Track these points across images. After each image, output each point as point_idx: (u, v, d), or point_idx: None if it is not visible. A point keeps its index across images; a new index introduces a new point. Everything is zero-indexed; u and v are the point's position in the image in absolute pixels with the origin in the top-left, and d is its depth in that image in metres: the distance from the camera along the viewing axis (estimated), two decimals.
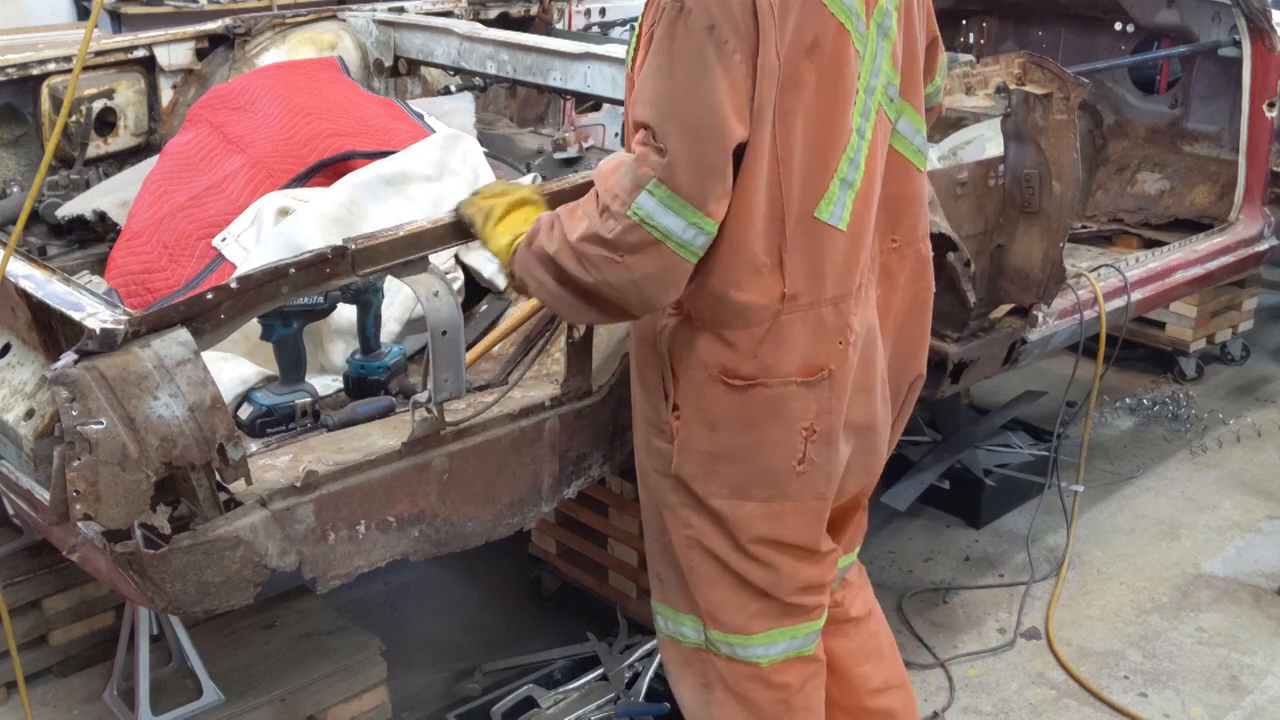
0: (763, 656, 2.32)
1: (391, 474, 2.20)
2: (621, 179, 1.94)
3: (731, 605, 2.28)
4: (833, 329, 2.13)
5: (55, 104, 3.33)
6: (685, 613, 2.35)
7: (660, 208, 1.92)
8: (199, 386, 1.90)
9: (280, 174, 2.99)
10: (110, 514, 1.85)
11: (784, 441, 2.15)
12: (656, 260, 1.95)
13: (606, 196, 1.95)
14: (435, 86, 4.00)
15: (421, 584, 3.70)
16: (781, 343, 2.10)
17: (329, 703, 2.85)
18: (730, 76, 1.91)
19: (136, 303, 2.75)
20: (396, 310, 2.69)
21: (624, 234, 1.93)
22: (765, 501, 2.19)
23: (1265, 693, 3.28)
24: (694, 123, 1.91)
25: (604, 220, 1.94)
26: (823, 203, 2.07)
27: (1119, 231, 4.71)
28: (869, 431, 2.30)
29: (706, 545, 2.24)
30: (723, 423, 2.14)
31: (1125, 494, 4.25)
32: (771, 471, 2.17)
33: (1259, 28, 4.30)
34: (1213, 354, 5.21)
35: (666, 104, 1.91)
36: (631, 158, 1.95)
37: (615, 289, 1.98)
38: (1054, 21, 5.22)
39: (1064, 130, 3.10)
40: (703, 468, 2.17)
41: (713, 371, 2.11)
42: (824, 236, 2.09)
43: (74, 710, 2.97)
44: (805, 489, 2.20)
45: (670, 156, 1.91)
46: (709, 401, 2.13)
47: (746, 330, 2.08)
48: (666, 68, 1.92)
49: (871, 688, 2.55)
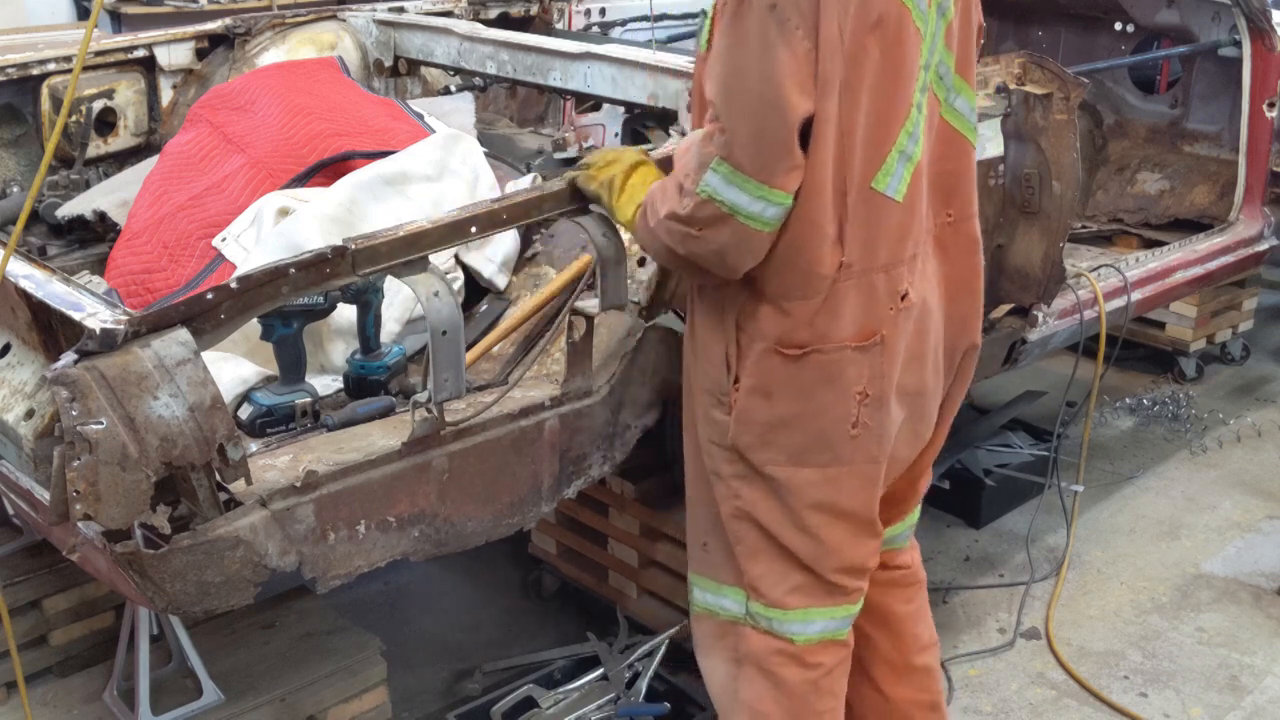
0: (798, 634, 2.35)
1: (391, 474, 2.20)
2: (692, 158, 2.04)
3: (773, 575, 2.32)
4: (884, 295, 2.19)
5: (55, 104, 3.33)
6: (729, 584, 2.38)
7: (724, 183, 2.00)
8: (199, 386, 1.90)
9: (280, 174, 2.99)
10: (110, 514, 1.85)
11: (838, 405, 2.20)
12: (730, 233, 2.04)
13: (680, 175, 2.06)
14: (435, 86, 4.00)
15: (421, 584, 3.70)
16: (836, 310, 2.16)
17: (329, 703, 2.85)
18: (793, 52, 1.96)
19: (136, 303, 2.74)
20: (396, 310, 2.69)
21: (696, 210, 2.03)
22: (821, 467, 2.24)
23: (1265, 693, 3.28)
24: (755, 100, 1.98)
25: (680, 198, 2.05)
26: (880, 174, 2.13)
27: (1119, 231, 4.71)
28: (919, 398, 2.35)
29: (755, 516, 2.28)
30: (779, 392, 2.20)
31: (1125, 494, 4.25)
32: (826, 436, 2.22)
33: (1259, 28, 4.30)
34: (1213, 354, 5.21)
35: (729, 83, 2.00)
36: (701, 136, 2.04)
37: (701, 259, 2.09)
38: (1054, 21, 5.22)
39: (1064, 130, 3.10)
40: (760, 437, 2.22)
41: (769, 343, 2.17)
42: (880, 207, 2.15)
43: (74, 710, 2.97)
44: (858, 452, 2.25)
45: (730, 135, 1.99)
46: (765, 372, 2.19)
47: (805, 300, 2.14)
48: (731, 48, 2.00)
49: (920, 645, 2.64)
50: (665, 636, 3.10)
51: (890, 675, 2.62)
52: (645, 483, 3.18)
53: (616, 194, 2.27)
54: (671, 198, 2.07)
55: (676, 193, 2.06)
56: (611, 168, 2.29)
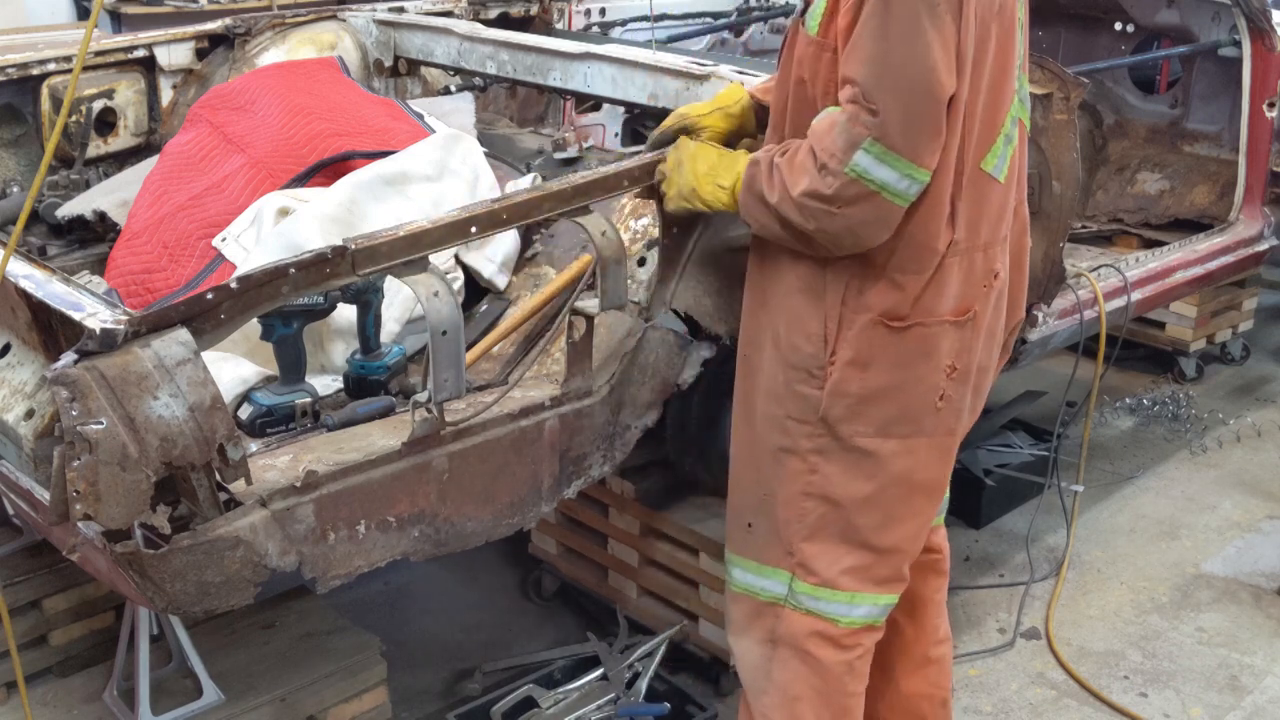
0: (843, 616, 2.38)
1: (391, 474, 2.20)
2: (836, 138, 2.07)
3: (829, 555, 2.35)
4: (981, 273, 2.27)
5: (55, 104, 3.32)
6: (772, 565, 2.41)
7: (876, 163, 2.06)
8: (199, 386, 1.90)
9: (280, 174, 2.99)
10: (110, 514, 1.85)
11: (929, 378, 2.27)
12: (873, 210, 2.10)
13: (824, 155, 2.09)
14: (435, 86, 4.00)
15: (421, 584, 3.70)
16: (942, 285, 2.23)
17: (329, 703, 2.85)
18: (942, 36, 2.04)
19: (136, 303, 2.74)
20: (396, 310, 2.69)
21: (842, 189, 2.08)
22: (904, 438, 2.30)
23: (1265, 693, 3.28)
24: (908, 83, 2.04)
25: (822, 177, 2.09)
26: (989, 155, 2.22)
27: (1119, 231, 4.71)
28: (984, 373, 2.41)
29: (828, 491, 2.32)
30: (876, 364, 2.25)
31: (1125, 494, 4.25)
32: (914, 408, 2.28)
33: (1259, 28, 4.30)
34: (1213, 354, 5.21)
35: (880, 66, 2.04)
36: (844, 117, 2.07)
37: (831, 235, 2.15)
38: (1054, 21, 5.22)
39: (1064, 130, 3.11)
40: (850, 409, 2.27)
41: (875, 315, 2.23)
42: (986, 187, 2.23)
43: (74, 710, 2.97)
44: (940, 425, 2.32)
45: (883, 116, 2.04)
46: (866, 344, 2.24)
47: (918, 275, 2.21)
48: (881, 31, 2.04)
49: (938, 638, 2.69)
50: (665, 636, 3.10)
51: (909, 666, 2.66)
52: (645, 483, 3.18)
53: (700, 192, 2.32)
54: (807, 176, 2.11)
55: (815, 171, 2.10)
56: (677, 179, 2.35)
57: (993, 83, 2.18)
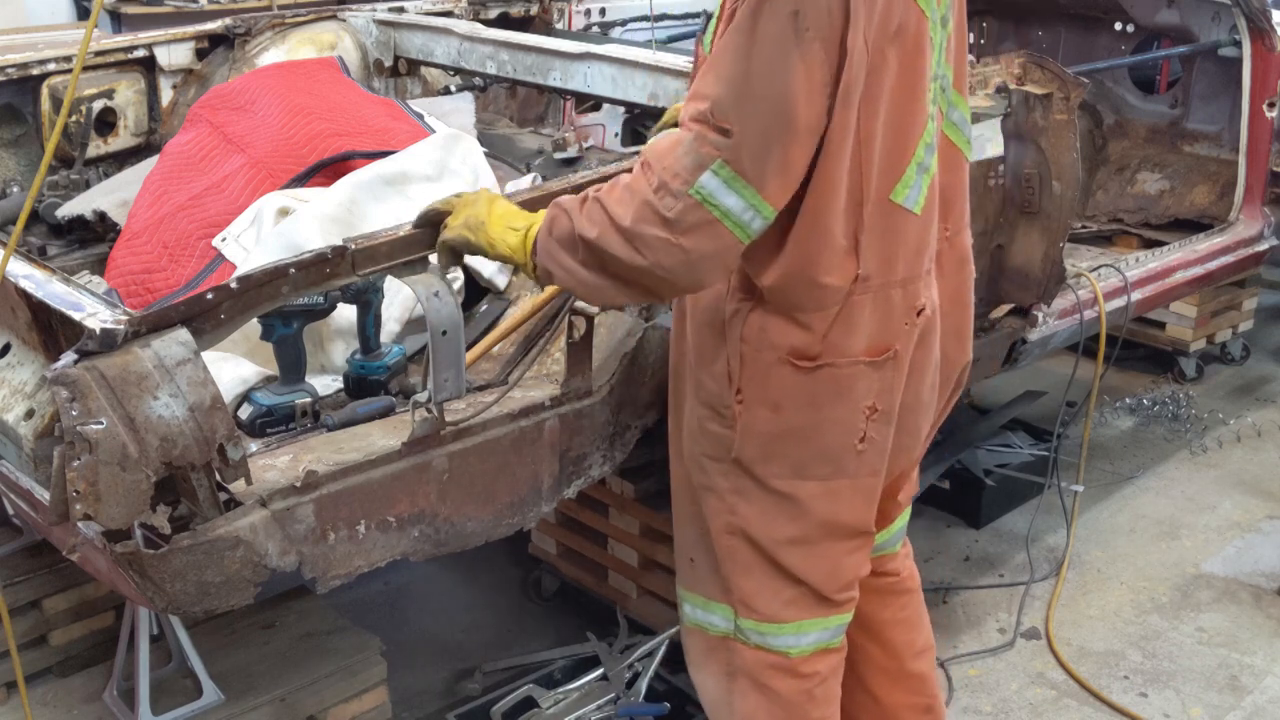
0: (793, 647, 2.33)
1: (391, 474, 2.20)
2: (681, 158, 1.93)
3: (767, 591, 2.29)
4: (900, 310, 2.16)
5: (55, 104, 3.33)
6: (717, 601, 2.36)
7: (723, 187, 1.92)
8: (199, 386, 1.90)
9: (280, 174, 2.99)
10: (110, 514, 1.85)
11: (847, 420, 2.17)
12: (713, 241, 1.95)
13: (665, 175, 1.93)
14: (435, 86, 4.00)
15: (421, 584, 3.70)
16: (851, 323, 2.12)
17: (329, 703, 2.85)
18: (806, 63, 1.90)
19: (136, 303, 2.74)
20: (396, 310, 2.69)
21: (684, 213, 1.92)
22: (824, 480, 2.20)
23: (1265, 693, 3.28)
24: (765, 106, 1.91)
25: (660, 198, 1.93)
26: (899, 186, 2.09)
27: (1119, 231, 4.70)
28: (912, 413, 2.32)
29: (749, 531, 2.25)
30: (787, 404, 2.15)
31: (1125, 494, 4.25)
32: (832, 450, 2.19)
33: (1259, 28, 4.30)
34: (1213, 354, 5.21)
35: (739, 86, 1.91)
36: (690, 136, 1.93)
37: (667, 270, 1.97)
38: (1054, 21, 5.22)
39: (1064, 130, 3.10)
40: (763, 449, 2.18)
41: (782, 354, 2.12)
42: (899, 220, 2.11)
43: (74, 710, 2.97)
44: (862, 467, 2.22)
45: (736, 138, 1.91)
46: (775, 384, 2.14)
47: (820, 312, 2.10)
48: (745, 48, 1.91)
49: (914, 652, 2.61)
50: (665, 636, 3.10)
51: (885, 681, 2.60)
52: (645, 483, 3.18)
53: (487, 229, 2.11)
54: (646, 200, 1.94)
55: (651, 194, 1.93)
56: (473, 208, 2.14)
57: (896, 110, 2.04)
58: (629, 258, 1.96)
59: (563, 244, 2.02)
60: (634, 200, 1.95)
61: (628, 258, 1.96)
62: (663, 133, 2.04)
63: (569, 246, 2.01)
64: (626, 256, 1.96)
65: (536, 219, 2.08)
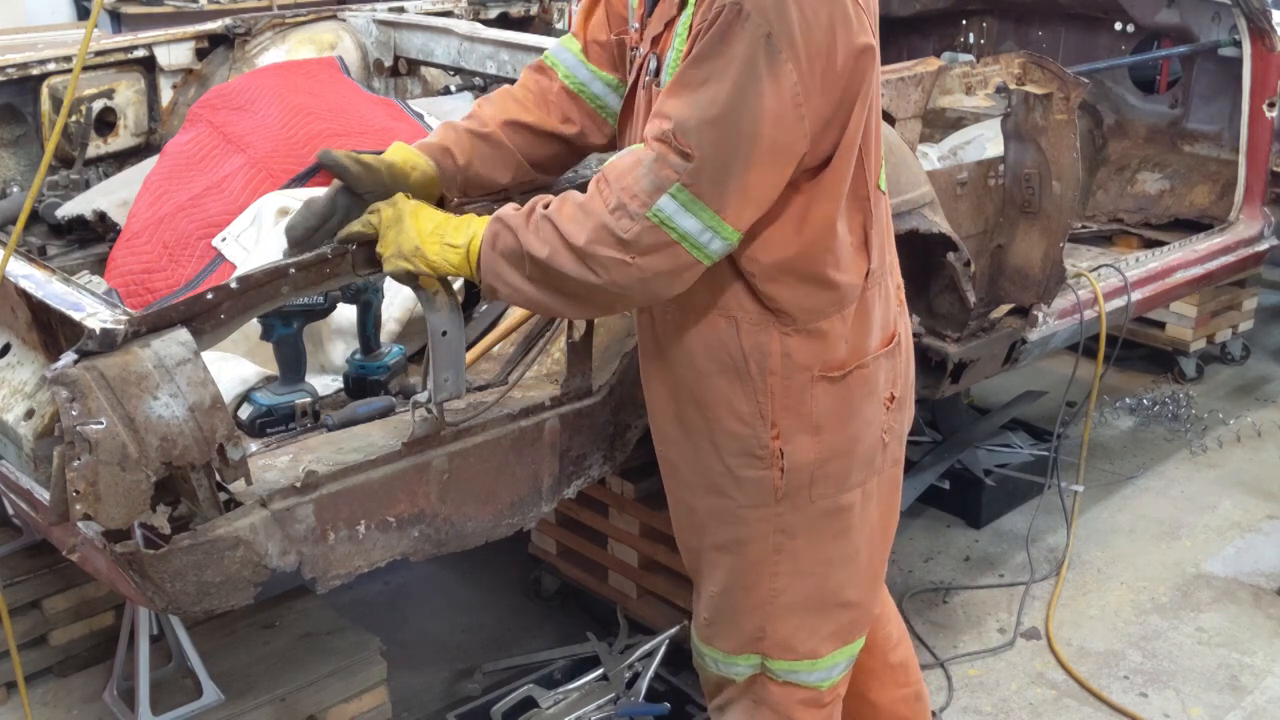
0: (824, 680, 2.31)
1: (391, 474, 2.20)
2: (640, 179, 1.87)
3: (807, 629, 2.25)
4: (893, 295, 2.18)
5: (55, 104, 3.32)
6: (739, 654, 2.31)
7: (681, 210, 1.87)
8: (199, 386, 1.90)
9: (280, 174, 2.99)
10: (110, 514, 1.85)
11: (876, 418, 2.16)
12: (670, 261, 1.90)
13: (624, 195, 1.88)
14: (435, 86, 4.00)
15: (421, 584, 3.70)
16: (867, 319, 2.11)
17: (329, 703, 2.85)
18: (777, 86, 1.84)
19: (136, 303, 2.74)
20: (396, 310, 2.69)
21: (641, 235, 1.87)
22: (862, 485, 2.19)
23: (1265, 693, 3.28)
24: (730, 131, 1.84)
25: (617, 219, 1.88)
26: (881, 172, 2.12)
27: (1119, 231, 4.71)
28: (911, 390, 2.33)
29: (799, 566, 2.19)
30: (827, 422, 2.10)
31: (1125, 494, 4.25)
32: (867, 453, 2.17)
33: (1259, 28, 4.30)
34: (1213, 354, 5.21)
35: (704, 108, 1.84)
36: (651, 157, 1.88)
37: (622, 288, 1.93)
38: (1054, 21, 5.22)
39: (1064, 130, 3.10)
40: (811, 476, 2.13)
41: (814, 372, 2.07)
42: (884, 205, 2.14)
43: (74, 710, 2.97)
44: (887, 459, 2.22)
45: (696, 162, 1.85)
46: (811, 405, 2.09)
47: (839, 314, 2.06)
48: (711, 71, 1.84)
49: (892, 644, 2.60)
50: (665, 636, 3.10)
51: (873, 682, 2.58)
52: (645, 483, 3.18)
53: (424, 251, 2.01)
54: (593, 222, 1.89)
55: (607, 214, 1.88)
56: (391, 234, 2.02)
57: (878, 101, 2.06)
58: (582, 276, 1.91)
59: (508, 260, 1.96)
60: (588, 220, 1.90)
61: (580, 276, 1.91)
62: (624, 150, 1.96)
63: (515, 262, 1.96)
64: (579, 275, 1.91)
65: (475, 232, 2.00)
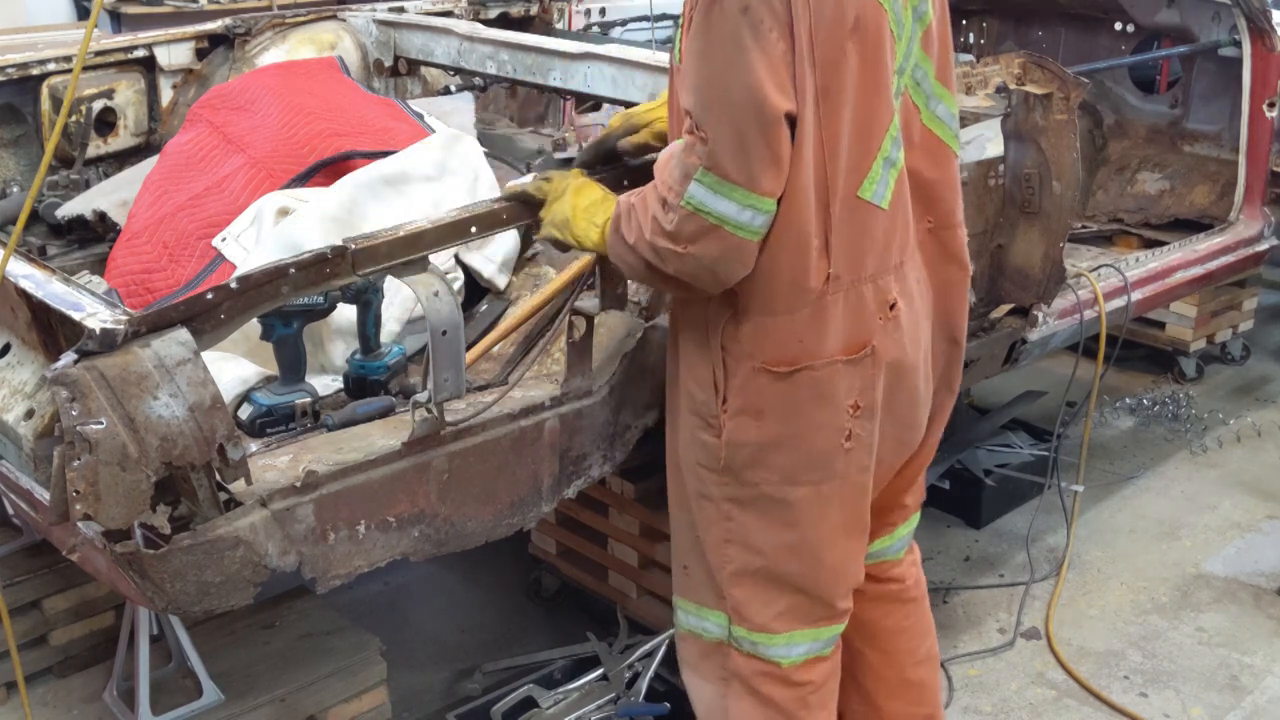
0: (784, 657, 2.32)
1: (391, 474, 2.20)
2: (673, 170, 1.98)
3: (757, 601, 2.29)
4: (874, 305, 2.16)
5: (55, 104, 3.33)
6: (710, 608, 2.36)
7: (711, 194, 1.95)
8: (199, 386, 1.90)
9: (280, 174, 2.99)
10: (110, 514, 1.85)
11: (831, 422, 2.17)
12: (719, 245, 1.98)
13: (663, 189, 1.99)
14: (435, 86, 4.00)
15: (421, 584, 3.70)
16: (824, 323, 2.12)
17: (329, 703, 2.85)
18: (768, 55, 1.91)
19: (136, 303, 2.74)
20: (396, 310, 2.69)
21: (682, 224, 1.97)
22: (815, 485, 2.21)
23: (1265, 693, 3.28)
24: (733, 105, 1.92)
25: (665, 213, 1.99)
26: (866, 182, 2.09)
27: (1119, 231, 4.71)
28: (911, 406, 2.32)
29: (746, 539, 2.24)
30: (769, 411, 2.16)
31: (1125, 494, 4.25)
32: (820, 455, 2.19)
33: (1259, 28, 4.30)
34: (1213, 354, 5.21)
35: (705, 90, 1.94)
36: (680, 146, 1.98)
37: (691, 275, 2.03)
38: (1054, 21, 5.22)
39: (1064, 130, 3.10)
40: (752, 457, 2.19)
41: (758, 362, 2.13)
42: (866, 216, 2.11)
43: (74, 710, 2.97)
44: (851, 465, 2.22)
45: (713, 143, 1.93)
46: (755, 392, 2.15)
47: (789, 315, 2.10)
48: (704, 53, 1.94)
49: (914, 660, 2.60)
50: (665, 636, 3.10)
51: (883, 690, 2.59)
52: (645, 483, 3.18)
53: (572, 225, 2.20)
54: (654, 214, 2.01)
55: (660, 207, 2.00)
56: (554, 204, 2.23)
57: (861, 105, 2.03)
58: (658, 264, 2.04)
59: (624, 246, 2.10)
60: (646, 214, 2.03)
61: (657, 264, 2.04)
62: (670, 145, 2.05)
63: (627, 250, 2.09)
64: (656, 263, 2.04)
65: (610, 216, 2.14)
